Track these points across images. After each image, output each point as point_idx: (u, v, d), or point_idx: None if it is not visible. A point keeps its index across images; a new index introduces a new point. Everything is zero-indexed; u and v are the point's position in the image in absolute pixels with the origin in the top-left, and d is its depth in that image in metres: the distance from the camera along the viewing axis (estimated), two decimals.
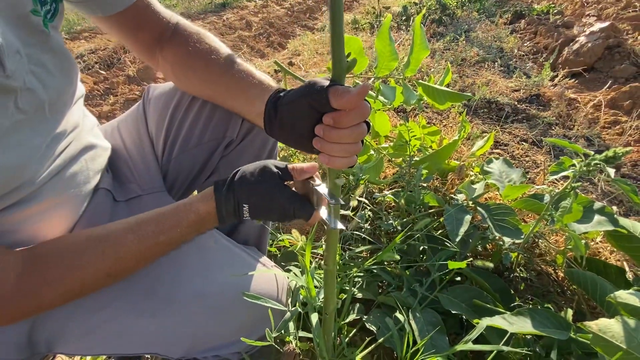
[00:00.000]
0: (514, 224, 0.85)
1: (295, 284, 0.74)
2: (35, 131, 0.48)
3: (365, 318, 0.80)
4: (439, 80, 1.10)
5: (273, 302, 0.61)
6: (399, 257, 0.85)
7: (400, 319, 0.72)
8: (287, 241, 0.96)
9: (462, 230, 0.84)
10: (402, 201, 1.07)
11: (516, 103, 2.04)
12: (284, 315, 0.68)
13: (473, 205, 0.96)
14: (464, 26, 3.28)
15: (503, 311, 0.70)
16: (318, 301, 0.70)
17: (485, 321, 0.63)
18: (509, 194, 0.93)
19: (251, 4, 4.69)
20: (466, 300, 0.79)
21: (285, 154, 1.47)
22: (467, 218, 0.87)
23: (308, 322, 0.68)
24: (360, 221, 1.03)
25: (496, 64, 2.51)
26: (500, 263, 0.94)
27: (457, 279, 0.91)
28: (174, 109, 0.70)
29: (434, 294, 0.81)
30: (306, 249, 0.67)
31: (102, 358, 0.85)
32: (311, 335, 0.67)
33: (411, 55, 1.05)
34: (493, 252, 0.99)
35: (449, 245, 0.88)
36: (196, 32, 0.65)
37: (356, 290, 0.86)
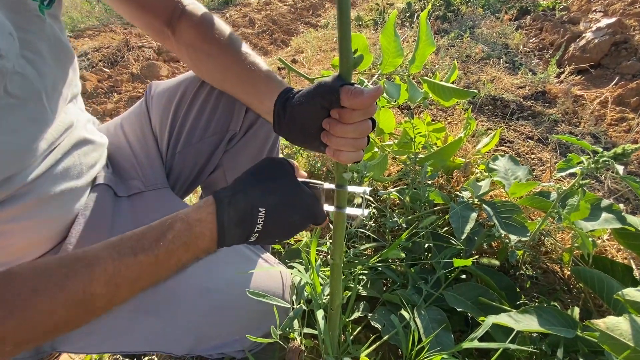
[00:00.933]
0: (520, 222, 0.84)
1: (300, 281, 0.74)
2: (31, 120, 0.47)
3: (370, 316, 0.80)
4: (445, 77, 1.09)
5: (278, 300, 0.61)
6: (403, 254, 0.85)
7: (406, 316, 0.72)
8: (292, 238, 0.96)
9: (468, 227, 0.84)
10: (407, 199, 1.06)
11: (522, 100, 2.02)
12: (288, 313, 0.68)
13: (478, 202, 0.95)
14: (468, 23, 3.26)
15: (509, 309, 0.69)
16: (323, 298, 0.70)
17: (491, 319, 0.63)
18: (515, 192, 0.92)
19: (254, 1, 4.68)
20: (472, 297, 0.79)
21: (289, 151, 1.47)
22: (473, 216, 0.87)
23: (313, 319, 0.68)
24: (365, 219, 1.03)
25: (501, 60, 2.49)
26: (506, 261, 0.93)
27: (463, 276, 0.91)
28: (177, 104, 0.70)
29: (439, 291, 0.81)
30: (312, 246, 0.67)
31: (107, 355, 0.86)
32: (316, 332, 0.67)
33: (416, 51, 1.04)
34: (499, 249, 0.99)
35: (455, 243, 0.87)
36: (208, 15, 0.64)
37: (361, 288, 0.86)
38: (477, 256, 0.89)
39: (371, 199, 1.10)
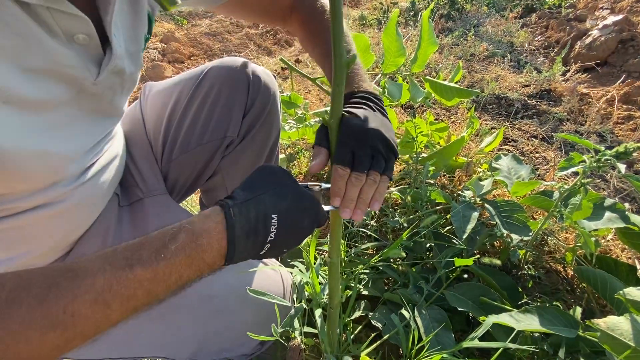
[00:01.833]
0: (522, 221, 0.83)
1: (300, 280, 0.75)
2: (91, 126, 0.50)
3: (370, 315, 0.80)
4: (450, 78, 1.09)
5: (280, 299, 0.62)
6: (405, 254, 0.85)
7: (406, 315, 0.72)
8: None
9: (470, 227, 0.83)
10: (409, 198, 1.06)
11: (526, 98, 2.01)
12: (289, 312, 0.68)
13: (481, 202, 0.95)
14: (473, 21, 3.23)
15: (510, 309, 0.69)
16: (323, 297, 0.71)
17: (492, 318, 0.63)
18: (517, 191, 0.92)
19: None
20: (473, 297, 0.79)
21: (292, 151, 1.47)
22: (475, 215, 0.86)
23: (313, 318, 0.68)
24: (366, 218, 1.03)
25: (506, 59, 2.47)
26: (508, 260, 0.93)
27: (465, 276, 0.90)
28: (172, 109, 0.69)
29: (440, 291, 0.81)
30: (311, 245, 0.68)
31: None
32: (316, 330, 0.67)
33: (418, 50, 1.04)
34: (501, 249, 0.98)
35: (456, 243, 0.87)
36: (312, 9, 0.67)
37: (362, 287, 0.86)
38: (478, 256, 0.89)
39: None
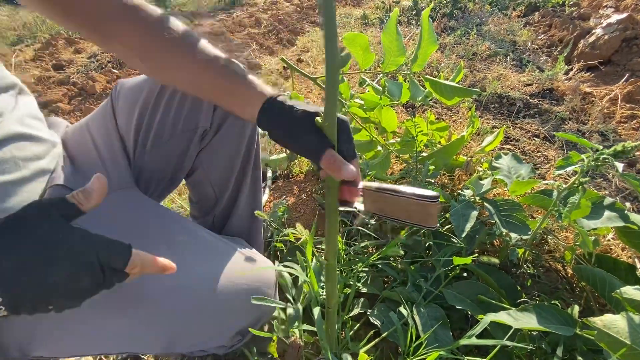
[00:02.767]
0: (521, 220, 0.84)
1: (299, 279, 0.75)
2: None
3: (369, 312, 0.81)
4: (451, 78, 1.09)
5: (278, 302, 0.61)
6: (403, 252, 0.85)
7: (404, 313, 0.72)
8: (292, 236, 0.97)
9: (469, 226, 0.84)
10: None
11: (528, 98, 2.00)
12: (269, 307, 0.66)
13: (480, 201, 0.95)
14: (475, 20, 3.23)
15: (509, 307, 0.69)
16: (321, 295, 0.71)
17: (490, 316, 0.63)
18: (516, 190, 0.92)
19: (260, 1, 4.70)
20: (471, 296, 0.79)
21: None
22: (474, 214, 0.86)
23: (312, 316, 0.69)
24: (365, 216, 1.04)
25: (508, 58, 2.46)
26: (507, 259, 0.93)
27: (463, 275, 0.91)
28: (143, 103, 0.68)
29: (438, 289, 0.81)
30: (307, 243, 0.68)
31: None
32: (315, 328, 0.68)
33: (419, 50, 1.04)
34: (500, 248, 0.99)
35: (455, 241, 0.88)
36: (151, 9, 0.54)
37: (360, 285, 0.87)
38: (477, 254, 0.89)
39: None
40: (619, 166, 0.62)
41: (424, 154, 1.17)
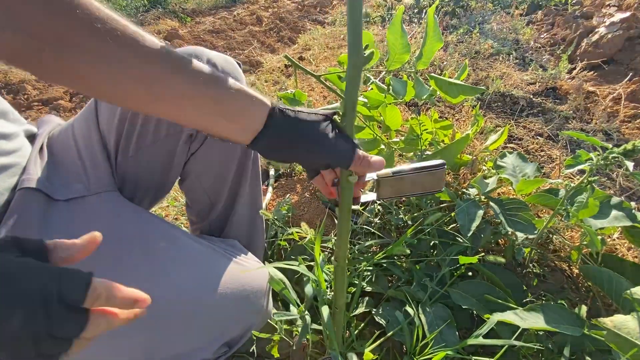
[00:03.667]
0: (527, 219, 0.83)
1: (301, 276, 0.75)
2: None
3: (374, 311, 0.80)
4: (455, 76, 1.08)
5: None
6: (409, 251, 0.85)
7: (410, 312, 0.72)
8: (297, 234, 0.97)
9: (474, 225, 0.83)
10: None
11: (531, 96, 1.99)
12: (264, 317, 0.64)
13: (485, 199, 0.95)
14: (478, 18, 3.21)
15: (515, 307, 0.69)
16: (328, 294, 0.71)
17: (497, 316, 0.63)
18: (522, 189, 0.91)
19: None
20: (477, 295, 0.79)
21: None
22: (479, 213, 0.86)
23: (318, 315, 0.68)
24: (370, 215, 1.03)
25: (511, 56, 2.45)
26: (513, 258, 0.93)
27: (469, 274, 0.90)
28: None
29: (444, 288, 0.81)
30: (315, 242, 0.68)
31: None
32: (321, 327, 0.68)
33: (424, 47, 1.03)
34: (505, 247, 0.98)
35: (461, 240, 0.87)
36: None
37: (365, 284, 0.86)
38: (483, 254, 0.88)
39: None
40: (630, 165, 0.61)
41: (428, 153, 1.17)
